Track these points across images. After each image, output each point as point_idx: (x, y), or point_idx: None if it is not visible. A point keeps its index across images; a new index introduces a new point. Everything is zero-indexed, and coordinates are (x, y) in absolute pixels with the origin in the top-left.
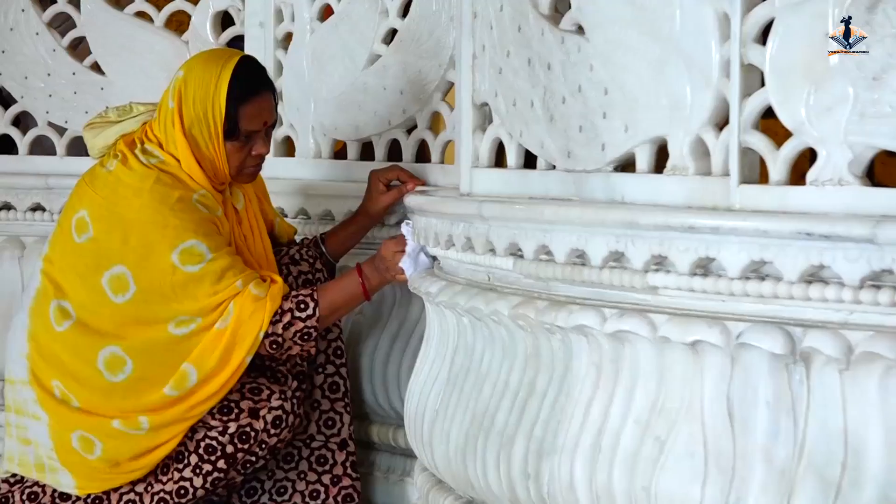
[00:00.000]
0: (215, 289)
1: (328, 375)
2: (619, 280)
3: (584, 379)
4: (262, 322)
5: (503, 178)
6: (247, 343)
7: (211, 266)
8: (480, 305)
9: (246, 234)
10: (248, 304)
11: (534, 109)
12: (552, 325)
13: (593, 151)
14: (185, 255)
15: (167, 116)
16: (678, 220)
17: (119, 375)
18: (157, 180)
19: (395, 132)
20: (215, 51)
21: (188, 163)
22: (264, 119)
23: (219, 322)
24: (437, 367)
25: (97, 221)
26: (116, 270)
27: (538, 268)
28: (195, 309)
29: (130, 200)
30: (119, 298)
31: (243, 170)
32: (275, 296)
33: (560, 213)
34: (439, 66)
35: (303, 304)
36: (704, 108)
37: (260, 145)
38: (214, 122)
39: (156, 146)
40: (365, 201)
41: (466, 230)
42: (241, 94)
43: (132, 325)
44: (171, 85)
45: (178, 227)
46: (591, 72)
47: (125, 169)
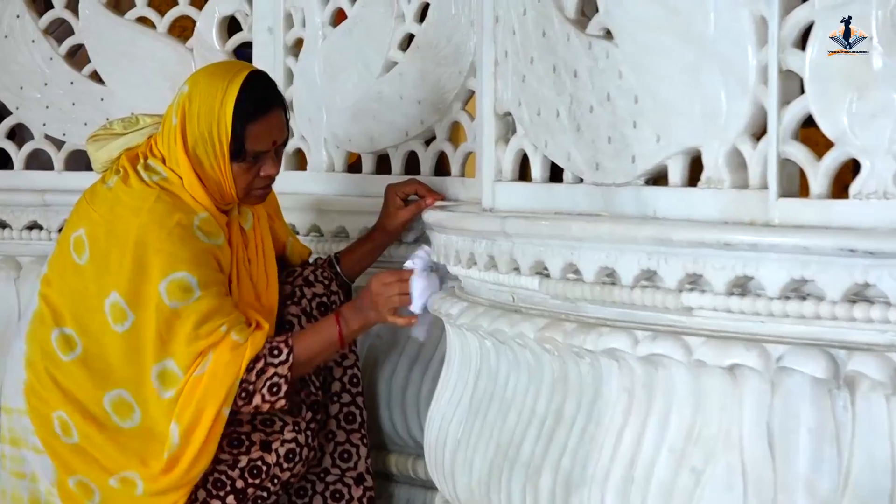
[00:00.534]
0: (198, 332)
1: (344, 405)
2: (652, 300)
3: (614, 405)
4: (238, 370)
5: (528, 192)
6: (221, 392)
7: (197, 305)
8: (504, 328)
9: (251, 258)
10: (225, 351)
11: (560, 119)
12: (581, 349)
13: (623, 163)
14: (173, 287)
15: (170, 133)
16: (713, 237)
17: (128, 422)
18: (157, 199)
19: (412, 144)
20: (223, 64)
21: (191, 183)
22: (273, 138)
23: (198, 369)
24: (459, 393)
25: (94, 241)
26: (114, 297)
27: (565, 287)
28: (179, 354)
29: (128, 220)
30: (119, 328)
31: (251, 191)
32: (256, 342)
33: (588, 230)
34: (459, 74)
35: (276, 350)
36: (741, 117)
37: (269, 166)
38: (220, 142)
39: (159, 162)
40: (381, 217)
41: (489, 248)
42: (249, 112)
43: (133, 363)
44: (176, 100)
45: (172, 254)
46: (621, 79)
47: (124, 187)
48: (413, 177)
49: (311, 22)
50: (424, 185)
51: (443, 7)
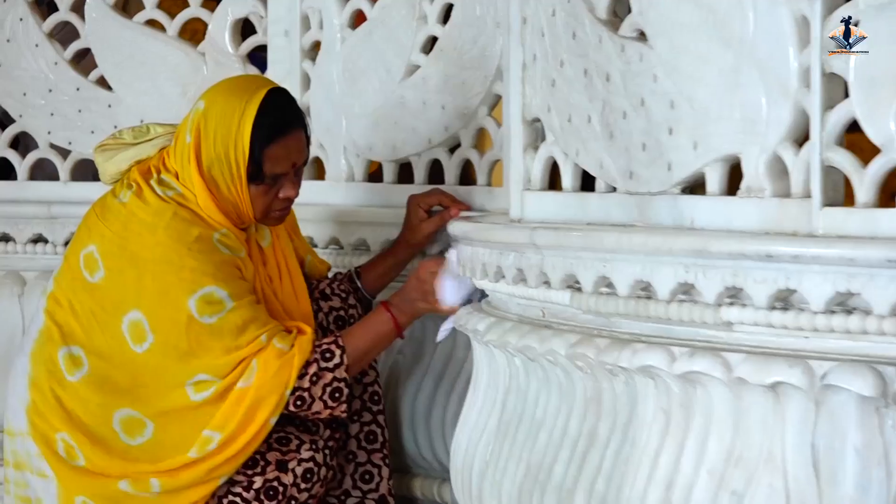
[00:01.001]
0: (237, 343)
1: (364, 424)
2: (689, 315)
3: (650, 426)
4: (288, 379)
5: (558, 201)
6: (270, 403)
7: (231, 317)
8: (534, 344)
9: (272, 276)
10: (272, 360)
11: (591, 125)
12: (614, 366)
13: (658, 171)
14: (203, 303)
15: (184, 151)
16: (754, 248)
17: (138, 439)
18: (174, 216)
19: (436, 151)
20: (241, 80)
21: (206, 204)
22: (293, 160)
23: (241, 381)
24: (487, 413)
25: (108, 259)
26: (133, 316)
27: (598, 302)
28: (214, 367)
29: (144, 237)
30: (139, 348)
31: (270, 213)
32: (303, 348)
33: (622, 241)
34: (485, 78)
35: (328, 353)
36: (782, 122)
37: (288, 188)
38: (237, 164)
39: (173, 177)
40: (404, 230)
41: (517, 260)
42: (268, 134)
43: (150, 383)
44: (190, 116)
45: (196, 270)
46: (655, 83)
47: (139, 202)
48: (437, 186)
49: (328, 24)
50: (449, 195)
51: (467, 8)
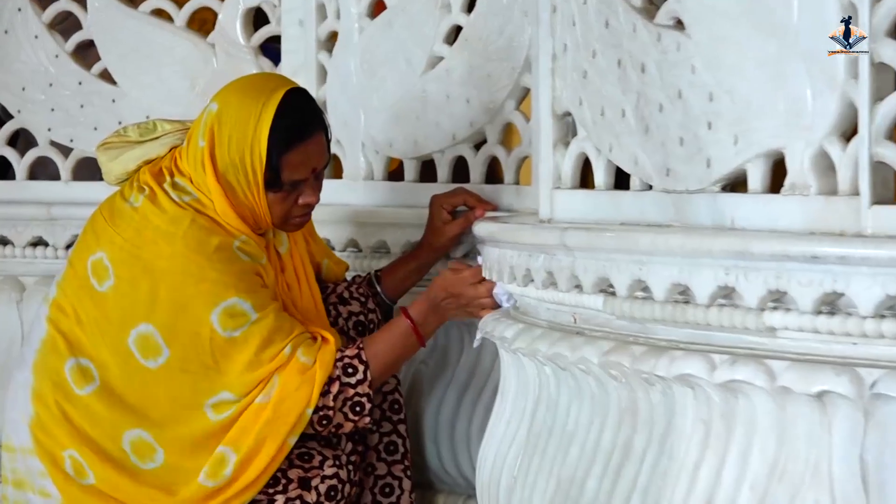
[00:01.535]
0: (260, 358)
1: (384, 434)
2: (730, 320)
3: (689, 438)
4: (309, 396)
5: (590, 200)
6: (289, 420)
7: (256, 329)
8: (565, 352)
9: (290, 283)
10: (293, 375)
11: (625, 119)
12: (651, 375)
13: (697, 168)
14: (226, 316)
15: (197, 156)
16: (799, 249)
17: (149, 464)
18: (192, 224)
19: (460, 148)
20: (256, 79)
21: (223, 210)
22: (313, 166)
23: (260, 396)
24: (515, 425)
25: (119, 267)
26: (143, 329)
27: (633, 307)
28: (237, 384)
29: (160, 246)
30: (151, 363)
31: (289, 220)
32: (326, 362)
33: (658, 242)
34: (512, 70)
35: (350, 368)
36: (828, 115)
37: (308, 194)
38: (253, 171)
39: (187, 181)
40: (426, 233)
41: (547, 263)
42: (286, 139)
43: (164, 402)
44: (203, 119)
45: (218, 281)
46: (694, 74)
47: (154, 208)
48: (461, 185)
49: (346, 13)
50: (474, 194)
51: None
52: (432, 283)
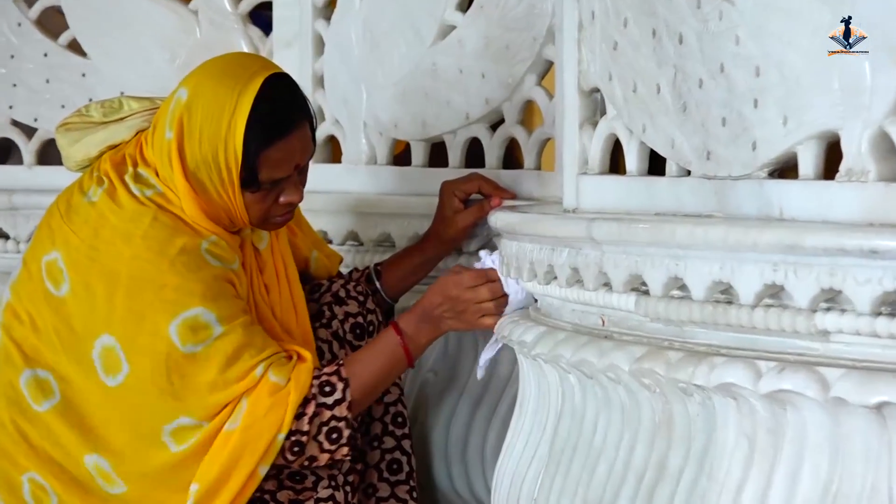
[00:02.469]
0: (225, 377)
1: (386, 451)
2: (778, 323)
3: (731, 455)
4: (281, 420)
5: (621, 187)
6: (258, 448)
7: (220, 344)
8: (592, 358)
9: (269, 284)
10: (263, 397)
11: (661, 96)
12: (688, 384)
13: (741, 151)
14: (186, 329)
15: (163, 148)
16: (856, 242)
17: (116, 489)
18: (153, 222)
19: (474, 128)
20: (232, 62)
21: (192, 211)
22: (295, 162)
23: (228, 422)
24: (535, 441)
25: (74, 270)
26: (106, 341)
27: (669, 307)
28: (198, 408)
29: (118, 248)
30: (111, 380)
31: (269, 220)
32: (301, 382)
33: (697, 235)
34: (533, 41)
35: (328, 386)
36: (890, 92)
37: (290, 192)
38: (228, 169)
39: (152, 173)
40: (435, 222)
41: (572, 258)
42: (265, 135)
43: (123, 429)
44: (171, 106)
45: (180, 288)
46: (738, 45)
47: (112, 204)
48: (476, 170)
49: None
50: (490, 180)
51: None
52: (428, 288)
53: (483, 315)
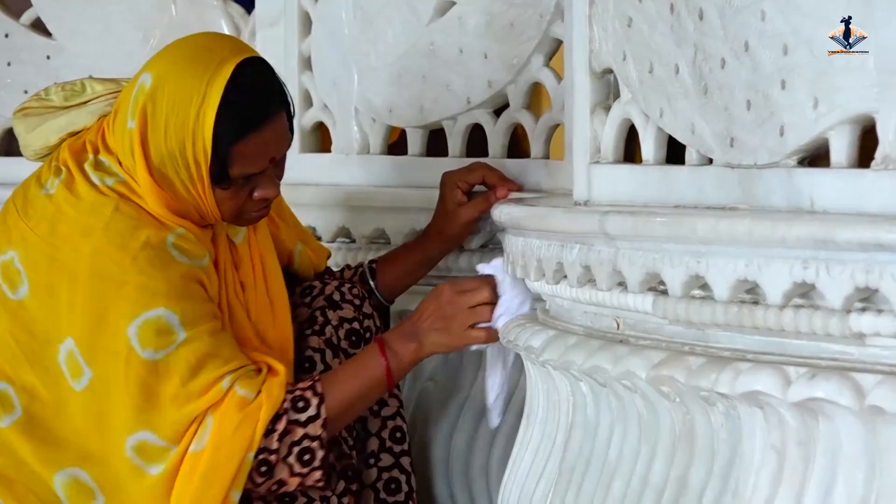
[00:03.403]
0: (188, 390)
1: (384, 469)
2: (809, 325)
3: (759, 470)
4: (251, 437)
5: (636, 177)
6: (229, 470)
7: (182, 353)
8: (606, 365)
9: (245, 283)
10: (231, 412)
11: (680, 78)
12: (711, 393)
13: (767, 137)
14: (147, 331)
15: (126, 139)
16: (894, 236)
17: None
18: (114, 213)
19: (477, 114)
20: (200, 45)
21: (157, 208)
22: (270, 155)
23: (194, 443)
24: (545, 455)
25: (33, 270)
26: (68, 345)
27: (689, 308)
28: (160, 424)
29: (77, 243)
30: (77, 385)
31: (242, 215)
32: (273, 395)
33: (721, 229)
34: (540, 18)
35: (301, 401)
36: None
37: (265, 186)
38: (197, 164)
39: (114, 161)
40: (436, 217)
41: (584, 255)
42: (237, 127)
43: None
44: (134, 92)
45: (143, 286)
46: (764, 21)
47: (69, 195)
48: (479, 160)
49: None
50: (494, 170)
51: None
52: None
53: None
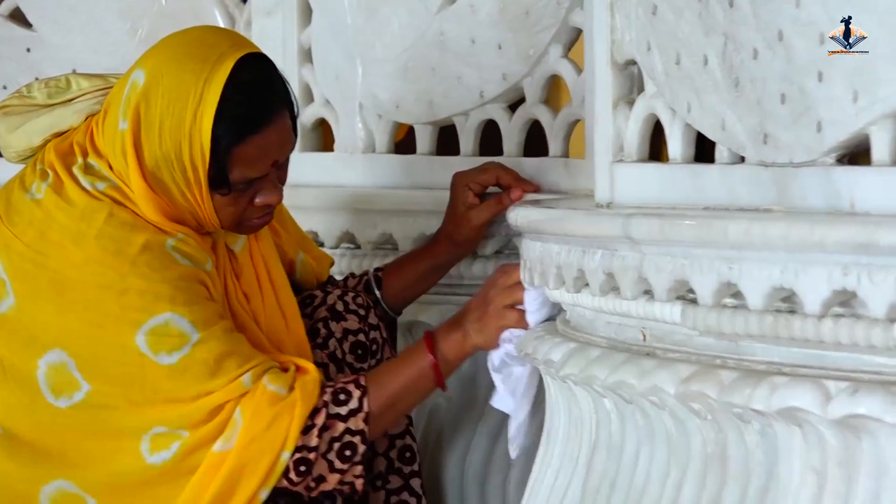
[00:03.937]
0: (207, 389)
1: (392, 492)
2: (850, 336)
3: (797, 493)
4: (286, 435)
5: (663, 177)
6: (260, 469)
7: (198, 353)
8: (631, 380)
9: (249, 293)
10: (263, 408)
11: (708, 69)
12: (745, 409)
13: (804, 133)
14: (157, 336)
15: (117, 140)
16: None
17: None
18: (108, 218)
19: (490, 109)
20: (197, 40)
21: (151, 213)
22: (273, 158)
23: (219, 441)
24: (566, 477)
25: (18, 281)
26: (53, 358)
27: (721, 319)
28: (177, 416)
29: (69, 251)
30: (62, 402)
31: (243, 223)
32: (308, 391)
33: (754, 232)
34: (558, 5)
35: (342, 394)
36: None
37: (267, 192)
38: (194, 168)
39: (104, 164)
40: (446, 221)
41: (607, 261)
42: (237, 128)
43: (88, 440)
44: (126, 91)
45: (145, 292)
46: (798, 8)
47: (59, 200)
48: (492, 159)
49: None
50: (509, 170)
51: None
52: (485, 285)
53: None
